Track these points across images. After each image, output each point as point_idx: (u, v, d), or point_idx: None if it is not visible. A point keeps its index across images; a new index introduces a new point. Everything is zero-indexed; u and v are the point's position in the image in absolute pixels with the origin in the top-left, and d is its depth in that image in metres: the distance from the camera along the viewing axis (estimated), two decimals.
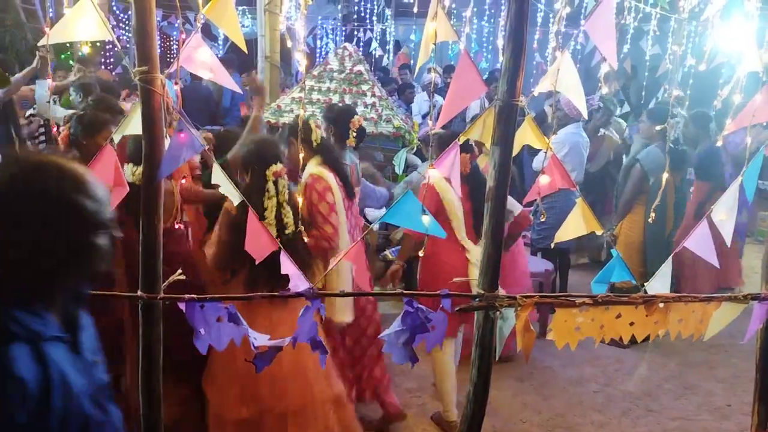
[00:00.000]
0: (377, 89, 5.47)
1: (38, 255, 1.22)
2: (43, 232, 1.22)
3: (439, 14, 2.10)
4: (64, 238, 1.24)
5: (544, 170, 2.37)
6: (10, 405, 1.11)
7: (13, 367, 1.12)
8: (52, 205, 1.22)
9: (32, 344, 1.18)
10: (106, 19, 2.19)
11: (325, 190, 3.28)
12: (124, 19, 11.21)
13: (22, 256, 1.21)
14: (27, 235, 1.21)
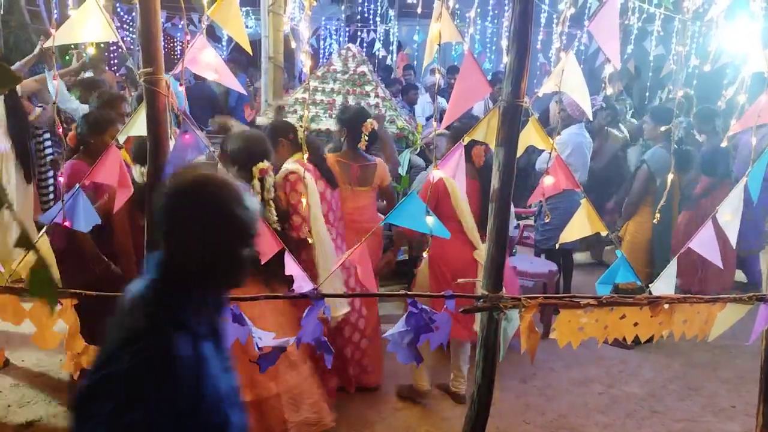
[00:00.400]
0: (381, 90, 5.48)
1: (201, 260, 1.36)
2: (207, 240, 1.35)
3: (444, 15, 2.11)
4: (223, 247, 1.37)
5: (548, 171, 2.37)
6: (174, 382, 1.25)
7: (179, 349, 1.26)
8: (215, 216, 1.35)
9: (192, 337, 1.31)
10: (111, 21, 2.20)
11: (297, 182, 3.30)
12: (128, 20, 11.24)
13: (187, 261, 1.36)
14: (193, 242, 1.35)
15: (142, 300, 1.34)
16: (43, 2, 8.26)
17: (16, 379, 3.87)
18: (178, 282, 1.36)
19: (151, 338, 1.26)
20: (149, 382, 1.23)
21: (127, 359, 1.22)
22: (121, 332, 1.29)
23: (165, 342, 1.26)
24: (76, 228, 2.28)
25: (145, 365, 1.23)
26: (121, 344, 1.26)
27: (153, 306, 1.32)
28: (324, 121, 5.08)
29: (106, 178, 2.26)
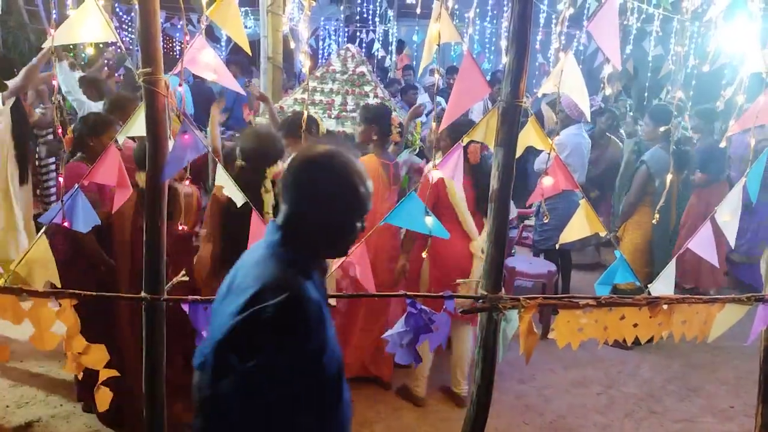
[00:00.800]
0: (380, 90, 5.47)
1: (322, 225, 1.51)
2: (330, 208, 1.50)
3: (443, 15, 2.11)
4: (343, 216, 1.52)
5: (547, 171, 2.37)
6: (308, 325, 1.41)
7: (312, 297, 1.43)
8: (339, 186, 1.49)
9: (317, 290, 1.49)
10: (110, 21, 2.19)
11: None
12: (126, 20, 11.23)
13: (310, 225, 1.51)
14: (317, 208, 1.50)
15: (273, 256, 1.49)
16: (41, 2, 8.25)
17: (15, 379, 3.86)
18: (301, 243, 1.51)
19: (290, 288, 1.41)
20: (293, 325, 1.39)
21: (272, 306, 1.36)
22: (254, 284, 1.42)
23: (302, 290, 1.42)
24: (75, 228, 2.27)
25: (288, 310, 1.38)
26: (260, 293, 1.39)
27: (284, 261, 1.48)
28: (323, 121, 5.07)
29: (106, 178, 2.26)
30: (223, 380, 1.39)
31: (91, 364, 2.25)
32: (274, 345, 1.37)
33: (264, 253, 1.52)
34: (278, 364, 1.38)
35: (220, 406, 1.41)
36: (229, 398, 1.39)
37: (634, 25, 6.94)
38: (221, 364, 1.41)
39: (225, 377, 1.39)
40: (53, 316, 2.19)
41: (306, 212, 1.51)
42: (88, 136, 3.36)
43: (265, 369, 1.37)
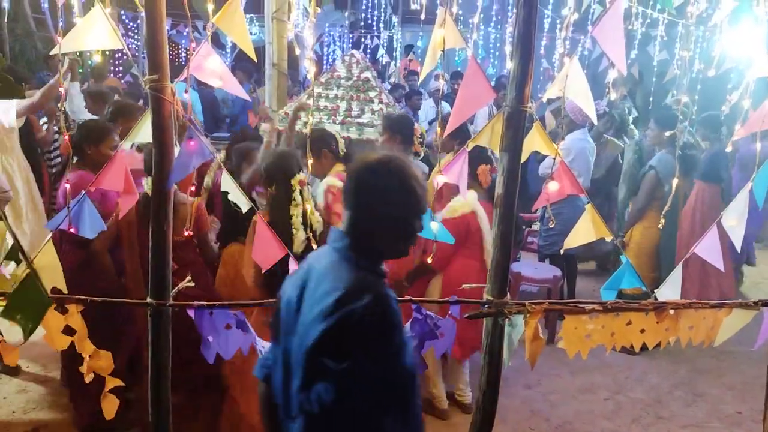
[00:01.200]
0: (384, 96, 5.48)
1: (384, 228, 1.59)
2: (390, 211, 1.57)
3: (447, 21, 2.11)
4: (403, 218, 1.59)
5: (552, 176, 2.37)
6: (395, 318, 1.49)
7: (393, 303, 1.51)
8: (399, 190, 1.57)
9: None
10: (117, 28, 2.21)
11: (339, 194, 3.34)
12: (133, 27, 11.30)
13: (373, 228, 1.58)
14: (379, 212, 1.57)
15: (346, 261, 1.57)
16: (48, 10, 8.31)
17: (21, 384, 3.87)
18: (368, 247, 1.59)
19: (372, 289, 1.49)
20: (381, 323, 1.47)
21: (360, 308, 1.44)
22: (334, 289, 1.49)
23: (384, 290, 1.52)
24: (82, 234, 2.28)
25: (375, 310, 1.46)
26: (343, 297, 1.46)
27: (358, 265, 1.56)
28: (328, 127, 5.07)
29: (112, 185, 2.26)
30: (318, 384, 1.45)
31: (97, 370, 2.26)
32: (365, 345, 1.44)
33: (335, 259, 1.59)
34: (370, 363, 1.44)
35: (316, 409, 1.45)
36: (325, 400, 1.44)
37: (638, 29, 6.94)
38: (314, 369, 1.46)
39: (319, 381, 1.45)
40: (62, 320, 2.20)
41: (368, 216, 1.59)
42: (86, 144, 3.32)
43: (359, 369, 1.43)
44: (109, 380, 2.28)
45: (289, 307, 1.63)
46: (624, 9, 2.28)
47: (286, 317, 1.64)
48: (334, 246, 1.62)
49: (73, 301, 2.19)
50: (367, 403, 1.47)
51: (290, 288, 1.66)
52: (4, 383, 3.88)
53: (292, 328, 1.59)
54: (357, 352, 1.44)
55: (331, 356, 1.44)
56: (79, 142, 3.33)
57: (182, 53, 13.02)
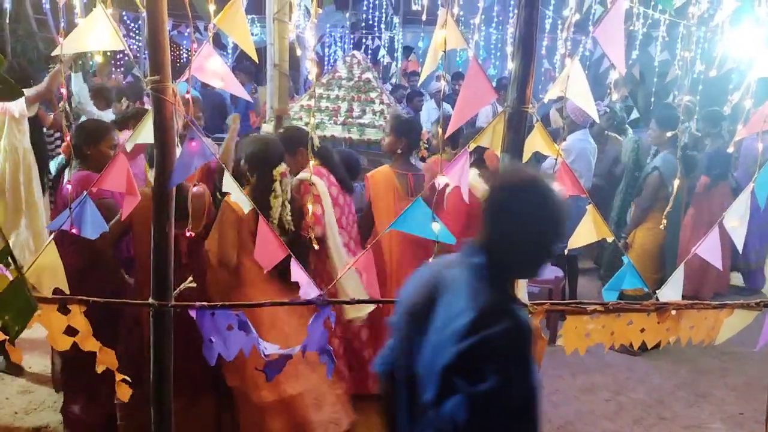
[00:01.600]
0: (385, 97, 5.49)
1: (523, 249, 1.57)
2: (532, 233, 1.55)
3: (449, 22, 2.11)
4: (543, 240, 1.57)
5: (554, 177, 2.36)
6: (531, 345, 1.52)
7: (529, 329, 1.52)
8: (542, 212, 1.55)
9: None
10: (118, 29, 2.21)
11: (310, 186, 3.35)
12: (134, 28, 11.31)
13: (512, 248, 1.57)
14: (520, 233, 1.55)
15: (482, 280, 1.56)
16: (50, 11, 8.33)
17: (23, 385, 3.88)
18: (505, 266, 1.59)
19: (511, 315, 1.50)
20: (519, 350, 1.49)
21: (499, 333, 1.45)
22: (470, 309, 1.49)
23: (522, 317, 1.53)
24: (84, 235, 2.28)
25: (514, 336, 1.48)
26: (480, 319, 1.46)
27: (495, 286, 1.56)
28: (329, 128, 5.09)
29: (114, 185, 2.27)
30: (448, 402, 1.47)
31: (105, 364, 2.27)
32: (501, 370, 1.44)
33: (469, 276, 1.58)
34: (505, 387, 1.44)
35: (449, 427, 1.47)
36: (459, 420, 1.45)
37: (640, 30, 6.94)
38: (447, 387, 1.48)
39: (452, 399, 1.46)
40: (64, 321, 2.20)
41: (510, 237, 1.57)
42: (86, 144, 3.28)
43: (494, 392, 1.43)
44: (118, 375, 2.29)
45: (416, 311, 1.64)
46: (625, 10, 2.28)
47: (411, 319, 1.66)
48: (467, 261, 1.61)
49: (75, 301, 2.19)
50: (500, 425, 1.48)
51: (416, 291, 1.68)
52: (7, 384, 3.88)
53: (420, 332, 1.61)
54: (493, 375, 1.44)
55: (465, 377, 1.46)
56: (79, 144, 3.29)
57: (183, 54, 13.04)
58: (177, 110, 2.08)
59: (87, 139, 3.29)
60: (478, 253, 1.59)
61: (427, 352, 1.57)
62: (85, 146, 3.28)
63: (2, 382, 3.89)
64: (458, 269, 1.61)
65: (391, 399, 1.77)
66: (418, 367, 1.61)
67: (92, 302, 2.22)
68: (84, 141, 3.28)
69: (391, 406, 1.77)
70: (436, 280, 1.64)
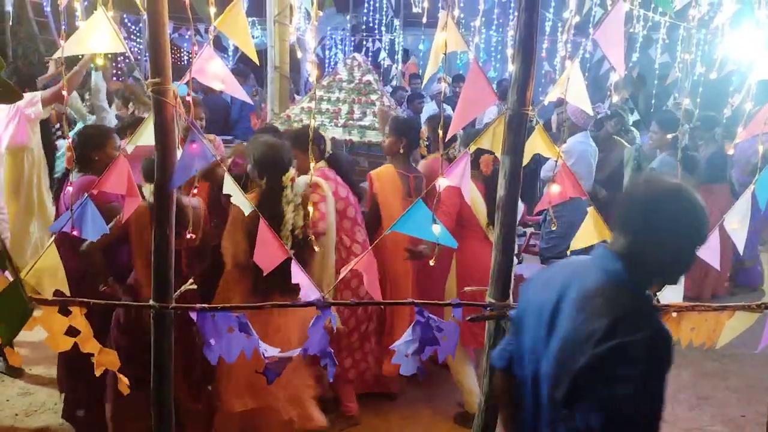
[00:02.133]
0: (386, 99, 5.48)
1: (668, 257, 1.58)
2: (677, 241, 1.57)
3: (449, 24, 2.11)
4: (687, 248, 1.59)
5: (554, 179, 2.37)
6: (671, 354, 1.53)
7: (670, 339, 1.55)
8: (688, 221, 1.57)
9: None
10: (119, 31, 2.22)
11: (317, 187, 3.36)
12: (135, 30, 11.33)
13: (656, 256, 1.58)
14: (665, 241, 1.56)
15: (619, 286, 1.58)
16: (51, 13, 8.34)
17: (24, 387, 3.88)
18: (646, 273, 1.61)
19: (652, 323, 1.54)
20: (661, 355, 1.51)
21: (640, 341, 1.47)
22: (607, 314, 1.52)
23: (663, 326, 1.56)
24: (85, 237, 2.29)
25: (655, 345, 1.49)
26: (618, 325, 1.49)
27: (634, 293, 1.58)
28: (330, 130, 5.09)
29: (115, 187, 2.27)
30: (582, 404, 1.50)
31: (106, 365, 2.27)
32: (640, 378, 1.45)
33: (605, 281, 1.59)
34: (640, 395, 1.46)
35: (580, 427, 1.51)
36: (593, 425, 1.48)
37: (640, 32, 6.94)
38: (580, 390, 1.51)
39: (584, 402, 1.50)
40: (65, 322, 2.20)
41: (653, 243, 1.57)
42: (92, 150, 3.28)
43: (628, 399, 1.45)
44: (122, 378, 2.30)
45: (542, 310, 1.68)
46: (625, 12, 2.28)
47: (536, 318, 1.70)
48: (603, 265, 1.63)
49: (76, 303, 2.19)
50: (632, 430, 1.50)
51: (543, 290, 1.72)
52: (7, 386, 3.88)
53: (547, 331, 1.65)
54: (630, 382, 1.45)
55: (600, 382, 1.48)
56: (85, 150, 3.28)
57: (184, 56, 13.05)
58: (177, 112, 2.08)
59: (92, 145, 3.28)
60: (616, 259, 1.61)
61: (556, 352, 1.60)
62: (91, 151, 3.26)
63: (2, 384, 3.89)
64: (592, 273, 1.63)
65: (509, 394, 1.84)
66: (543, 365, 1.65)
67: (93, 304, 2.22)
68: (89, 146, 3.27)
69: (510, 401, 1.84)
70: (565, 282, 1.67)
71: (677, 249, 1.57)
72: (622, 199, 1.68)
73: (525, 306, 1.80)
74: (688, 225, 1.56)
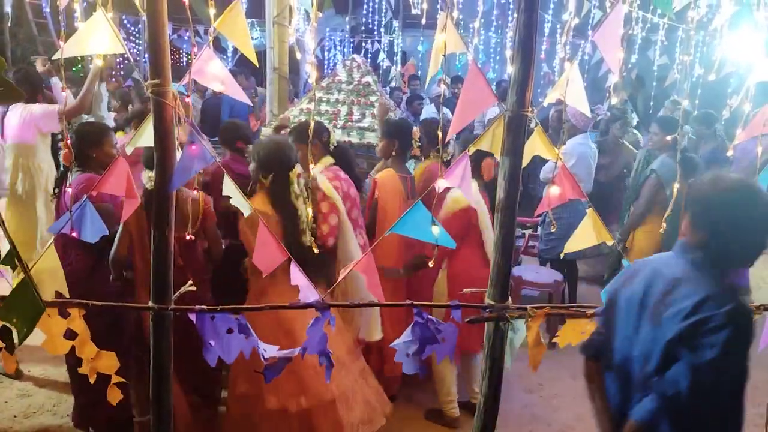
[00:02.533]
0: (385, 100, 5.50)
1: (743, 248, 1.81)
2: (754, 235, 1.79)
3: (448, 26, 2.11)
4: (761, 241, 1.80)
5: (554, 181, 2.37)
6: (750, 337, 1.77)
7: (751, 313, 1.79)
8: (758, 209, 1.77)
9: None
10: (119, 33, 2.21)
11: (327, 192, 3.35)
12: (134, 32, 11.33)
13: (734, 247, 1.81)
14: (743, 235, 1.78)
15: (702, 270, 1.83)
16: (50, 15, 8.34)
17: (22, 389, 3.87)
18: (719, 260, 1.83)
19: (736, 299, 1.75)
20: (743, 326, 1.74)
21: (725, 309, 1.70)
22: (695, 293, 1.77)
23: (745, 301, 1.78)
24: (84, 239, 2.28)
25: (740, 317, 1.73)
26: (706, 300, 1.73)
27: (716, 276, 1.81)
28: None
29: (114, 188, 2.27)
30: (673, 371, 1.73)
31: (103, 370, 2.27)
32: (723, 344, 1.67)
33: (689, 269, 1.85)
34: (725, 361, 1.69)
35: (670, 392, 1.73)
36: (681, 387, 1.71)
37: (639, 34, 6.96)
38: (671, 358, 1.74)
39: (674, 369, 1.73)
40: (63, 324, 2.20)
41: (728, 236, 1.79)
42: (90, 147, 3.30)
43: (714, 363, 1.68)
44: (114, 378, 2.29)
45: (631, 302, 1.94)
46: (624, 14, 2.28)
47: (624, 311, 1.96)
48: (685, 256, 1.89)
49: (75, 304, 2.19)
50: (716, 395, 1.74)
51: (628, 285, 1.98)
52: (6, 387, 3.87)
53: (638, 318, 1.90)
54: (715, 348, 1.67)
55: (687, 350, 1.71)
56: (82, 147, 3.30)
57: (183, 58, 13.06)
58: (177, 113, 2.08)
59: (89, 142, 3.30)
60: (696, 249, 1.86)
61: (647, 334, 1.84)
62: (88, 149, 3.29)
63: (1, 386, 3.89)
64: (676, 264, 1.89)
65: (600, 380, 2.07)
66: (634, 349, 1.89)
67: (91, 305, 2.21)
68: (87, 144, 3.30)
69: (601, 387, 2.06)
70: (649, 275, 1.92)
71: (748, 239, 1.78)
72: (693, 197, 1.89)
73: (612, 301, 2.04)
74: (755, 215, 1.76)
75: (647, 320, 1.86)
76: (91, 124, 3.71)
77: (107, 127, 3.52)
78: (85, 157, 3.30)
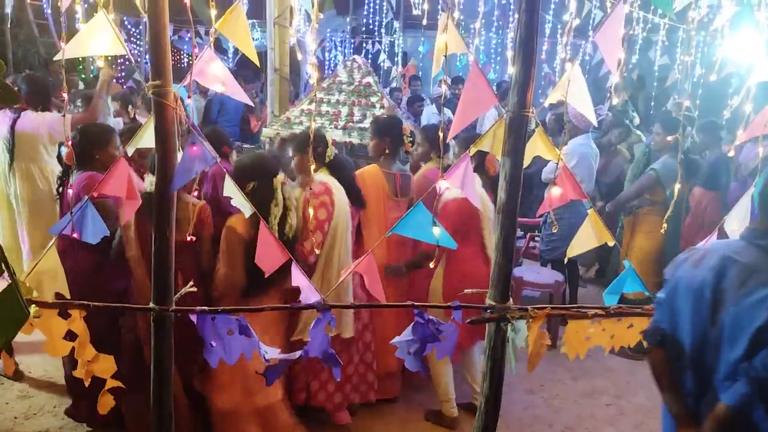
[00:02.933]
0: (386, 101, 5.49)
1: None
2: None
3: (450, 27, 2.11)
4: None
5: (555, 181, 2.37)
6: None
7: None
8: None
9: None
10: (120, 34, 2.22)
11: (325, 200, 3.35)
12: (135, 33, 11.34)
13: None
14: None
15: None
16: (51, 16, 8.35)
17: (23, 390, 3.87)
18: None
19: None
20: None
21: None
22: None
23: None
24: (85, 240, 2.28)
25: None
26: None
27: None
28: (330, 132, 5.09)
29: (115, 190, 2.27)
30: (759, 355, 1.74)
31: (99, 373, 2.26)
32: None
33: (764, 255, 1.89)
34: None
35: (763, 374, 1.74)
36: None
37: (639, 34, 6.95)
38: (759, 344, 1.76)
39: (762, 352, 1.74)
40: (64, 325, 2.20)
41: None
42: (94, 149, 3.31)
43: None
44: (110, 382, 2.28)
45: (701, 289, 1.94)
46: (625, 14, 2.28)
47: (694, 297, 1.96)
48: (757, 243, 1.92)
49: (75, 306, 2.19)
50: None
51: (694, 272, 1.98)
52: (6, 389, 3.88)
53: (708, 306, 1.92)
54: None
55: None
56: (87, 148, 3.30)
57: (184, 59, 13.06)
58: (178, 114, 2.08)
59: (93, 143, 3.31)
60: (764, 236, 1.91)
61: (729, 320, 1.85)
62: (92, 150, 3.30)
63: (2, 387, 3.89)
64: (748, 251, 1.92)
65: (668, 365, 2.09)
66: (710, 335, 1.91)
67: (92, 306, 2.21)
68: (91, 145, 3.31)
69: (671, 375, 2.08)
70: (718, 263, 1.93)
71: None
72: (764, 185, 1.94)
73: (676, 287, 2.04)
74: None
75: (727, 307, 1.87)
76: (97, 125, 3.70)
77: (112, 129, 3.53)
78: (88, 158, 3.31)
